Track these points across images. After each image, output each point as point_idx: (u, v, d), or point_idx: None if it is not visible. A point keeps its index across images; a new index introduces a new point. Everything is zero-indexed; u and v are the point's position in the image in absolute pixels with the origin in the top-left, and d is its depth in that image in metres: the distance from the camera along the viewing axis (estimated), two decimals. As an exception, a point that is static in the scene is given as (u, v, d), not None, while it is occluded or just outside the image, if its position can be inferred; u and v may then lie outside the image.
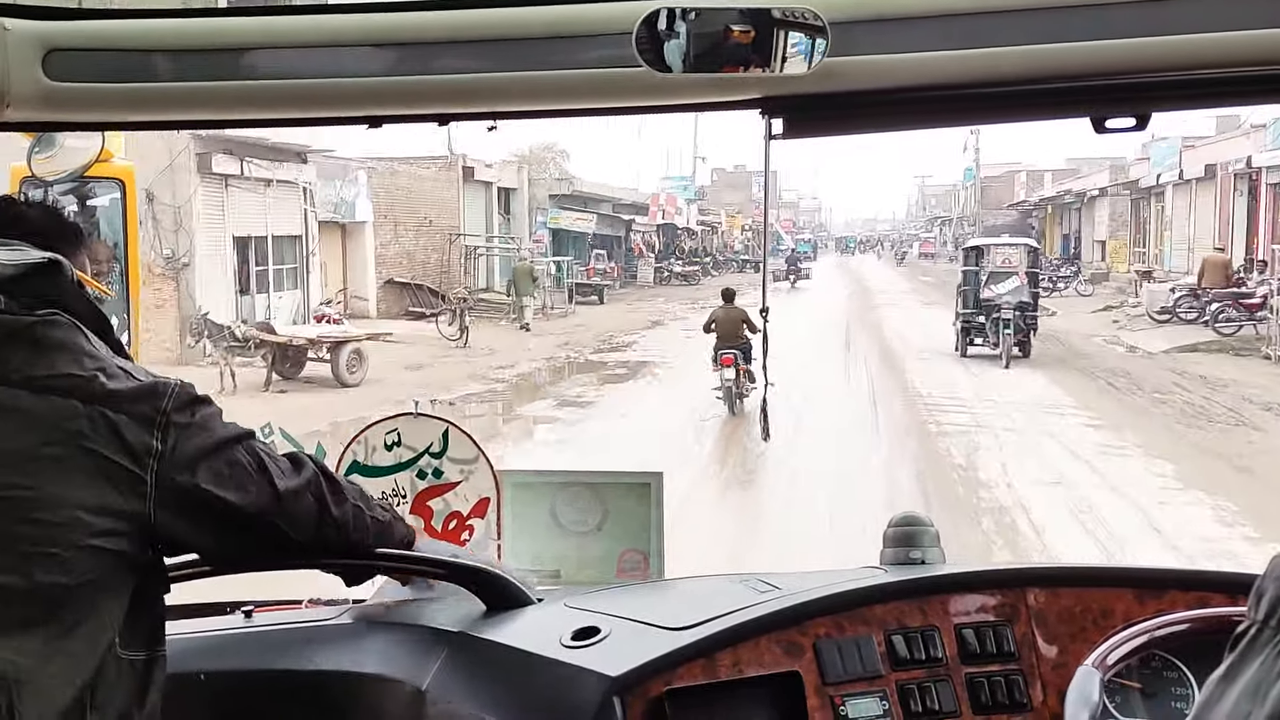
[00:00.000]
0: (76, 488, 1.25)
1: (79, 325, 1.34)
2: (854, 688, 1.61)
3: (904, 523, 1.95)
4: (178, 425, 1.32)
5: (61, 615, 1.24)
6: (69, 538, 1.24)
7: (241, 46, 1.30)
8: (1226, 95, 1.33)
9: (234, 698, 1.87)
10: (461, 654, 1.76)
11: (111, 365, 1.33)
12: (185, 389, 1.36)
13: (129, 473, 1.28)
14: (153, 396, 1.32)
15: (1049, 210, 55.75)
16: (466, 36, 1.29)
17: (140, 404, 1.31)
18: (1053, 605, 1.73)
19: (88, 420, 1.27)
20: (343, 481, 1.58)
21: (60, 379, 1.27)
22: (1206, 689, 0.86)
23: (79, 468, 1.26)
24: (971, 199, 74.11)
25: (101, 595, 1.28)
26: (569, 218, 38.53)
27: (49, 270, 1.33)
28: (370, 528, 1.61)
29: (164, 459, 1.30)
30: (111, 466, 1.27)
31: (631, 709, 1.51)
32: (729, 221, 68.73)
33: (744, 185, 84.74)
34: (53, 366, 1.28)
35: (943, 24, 1.23)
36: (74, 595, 1.25)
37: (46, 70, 1.29)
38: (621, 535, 2.16)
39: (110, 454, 1.27)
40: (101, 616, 1.28)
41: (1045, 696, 1.68)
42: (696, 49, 1.23)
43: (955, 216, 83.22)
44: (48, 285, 1.33)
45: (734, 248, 65.01)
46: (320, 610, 2.05)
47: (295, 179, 22.37)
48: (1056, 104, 1.34)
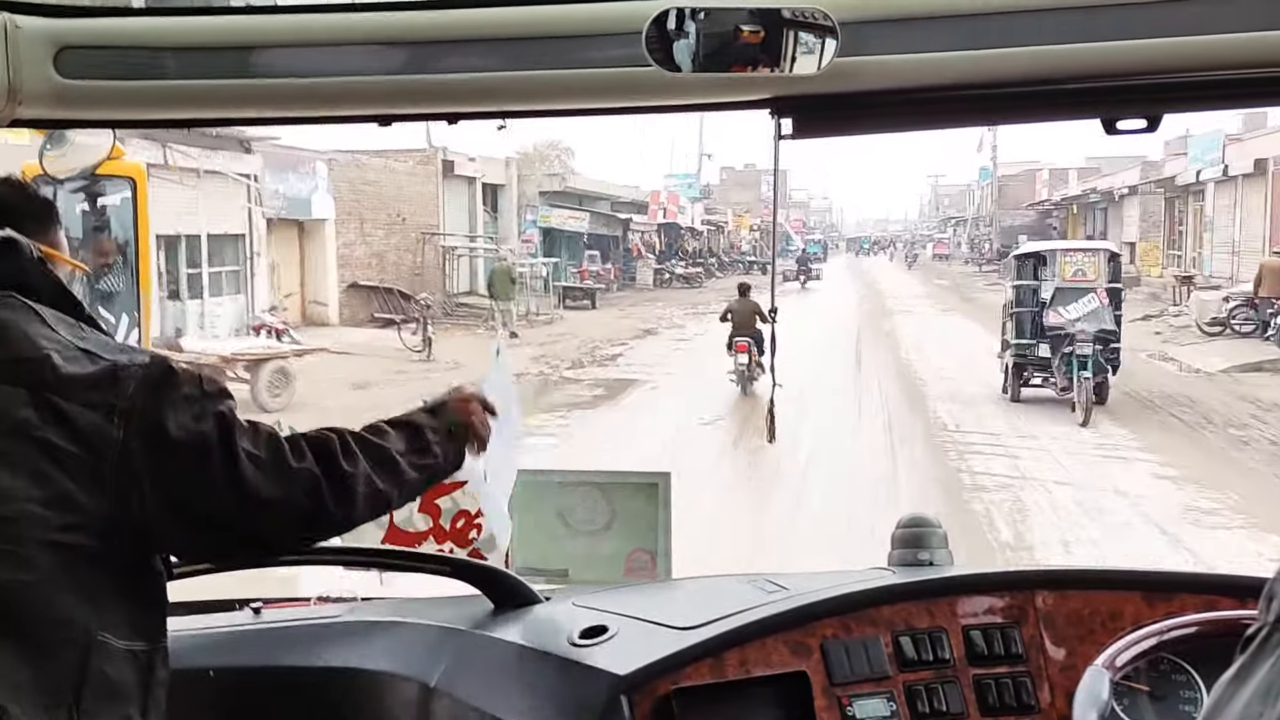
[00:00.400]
0: (26, 481, 1.17)
1: (33, 306, 1.25)
2: (861, 688, 1.61)
3: (912, 524, 1.94)
4: (139, 412, 1.21)
5: (21, 614, 1.17)
6: (24, 533, 1.16)
7: (253, 45, 1.31)
8: (1238, 97, 1.33)
9: (242, 694, 1.87)
10: (469, 652, 1.76)
11: (68, 348, 1.23)
12: (153, 369, 1.24)
13: (86, 464, 1.19)
14: (111, 381, 1.21)
15: (1072, 210, 52.57)
16: (476, 35, 1.29)
17: (98, 390, 1.21)
18: (1061, 607, 1.73)
19: (34, 409, 1.17)
20: (358, 464, 1.37)
21: (6, 365, 1.19)
22: (1216, 691, 0.86)
23: (27, 460, 1.17)
24: (988, 198, 71.22)
25: (67, 593, 1.19)
26: (560, 216, 35.98)
27: (4, 249, 1.26)
28: (391, 492, 1.43)
29: (124, 448, 1.20)
30: (66, 457, 1.18)
31: (639, 708, 1.51)
32: (736, 221, 66.53)
33: (753, 184, 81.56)
34: (2, 351, 1.20)
35: (953, 24, 1.23)
36: (34, 593, 1.17)
37: (58, 68, 1.29)
38: (629, 535, 2.16)
39: (63, 443, 1.18)
40: (70, 614, 1.20)
41: (1053, 698, 1.67)
42: (706, 49, 1.23)
43: (970, 217, 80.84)
44: (3, 265, 1.26)
45: (741, 248, 62.86)
46: (328, 607, 2.05)
47: (230, 170, 19.14)
48: (1067, 105, 1.33)
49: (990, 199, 69.10)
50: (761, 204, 74.05)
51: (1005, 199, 65.39)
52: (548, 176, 37.15)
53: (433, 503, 2.19)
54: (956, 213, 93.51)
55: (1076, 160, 62.64)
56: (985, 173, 71.84)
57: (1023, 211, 61.91)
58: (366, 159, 25.90)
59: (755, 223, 72.06)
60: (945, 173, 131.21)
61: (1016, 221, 60.82)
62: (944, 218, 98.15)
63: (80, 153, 2.31)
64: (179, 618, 2.01)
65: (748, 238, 67.54)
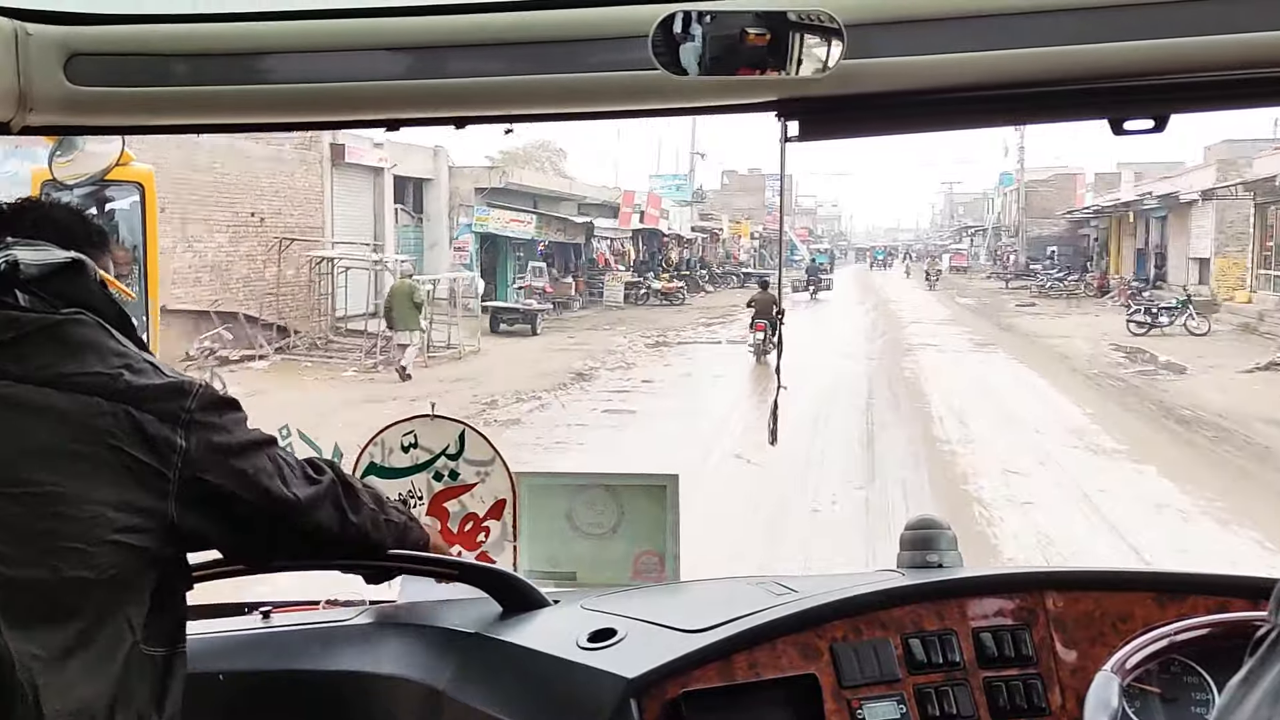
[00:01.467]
0: (101, 484, 1.27)
1: (103, 323, 1.35)
2: (871, 691, 1.61)
3: (921, 525, 1.94)
4: (201, 424, 1.33)
5: (84, 610, 1.26)
6: (93, 533, 1.26)
7: (261, 51, 1.31)
8: (1245, 97, 1.32)
9: (252, 698, 1.88)
10: (478, 655, 1.76)
11: (138, 361, 1.34)
12: (210, 389, 1.38)
13: (153, 469, 1.30)
14: (178, 394, 1.33)
15: (1114, 221, 45.58)
16: (483, 40, 1.29)
17: (165, 401, 1.32)
18: (1071, 609, 1.72)
19: (113, 418, 1.28)
20: (359, 485, 1.59)
21: (87, 376, 1.29)
22: (1226, 693, 0.86)
23: (104, 464, 1.27)
24: (1013, 206, 65.66)
25: (123, 591, 1.29)
26: (501, 219, 29.19)
27: (73, 270, 1.35)
28: (386, 531, 1.63)
29: (187, 456, 1.32)
30: (136, 463, 1.29)
31: (648, 711, 1.51)
32: (733, 228, 60.80)
33: (758, 189, 78.13)
34: (80, 364, 1.30)
35: (959, 26, 1.23)
36: (97, 590, 1.26)
37: (68, 75, 1.30)
38: (637, 537, 2.16)
39: (135, 451, 1.29)
40: (123, 612, 1.29)
41: (1064, 701, 1.67)
42: (712, 52, 1.23)
43: (990, 226, 76.09)
44: (71, 285, 1.35)
45: (738, 258, 57.17)
46: (338, 611, 2.06)
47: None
48: (1074, 105, 1.33)
49: (1015, 207, 64.13)
50: (766, 211, 71.42)
51: (1033, 207, 60.44)
52: (486, 170, 29.89)
53: (441, 505, 2.20)
54: (973, 221, 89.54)
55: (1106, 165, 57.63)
56: (1008, 178, 68.46)
57: (1053, 220, 57.10)
58: (197, 137, 15.59)
59: (757, 230, 67.54)
60: (961, 179, 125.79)
61: (1046, 231, 56.96)
62: (960, 227, 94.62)
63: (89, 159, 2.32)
64: (189, 621, 2.02)
65: (748, 247, 62.78)
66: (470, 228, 28.60)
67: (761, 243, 67.01)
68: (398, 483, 2.20)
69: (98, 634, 1.26)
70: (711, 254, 54.38)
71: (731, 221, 61.00)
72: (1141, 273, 39.78)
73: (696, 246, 50.35)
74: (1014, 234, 63.36)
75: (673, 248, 45.43)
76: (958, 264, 66.64)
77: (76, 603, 1.25)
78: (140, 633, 1.31)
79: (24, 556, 1.23)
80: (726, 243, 58.61)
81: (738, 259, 57.97)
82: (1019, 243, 59.87)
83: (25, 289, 1.32)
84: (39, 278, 1.32)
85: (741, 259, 58.41)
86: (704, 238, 52.77)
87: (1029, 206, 60.93)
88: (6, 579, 1.22)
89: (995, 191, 78.14)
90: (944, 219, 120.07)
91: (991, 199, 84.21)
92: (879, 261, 79.01)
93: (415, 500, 2.20)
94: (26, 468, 1.24)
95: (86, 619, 1.26)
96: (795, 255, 65.84)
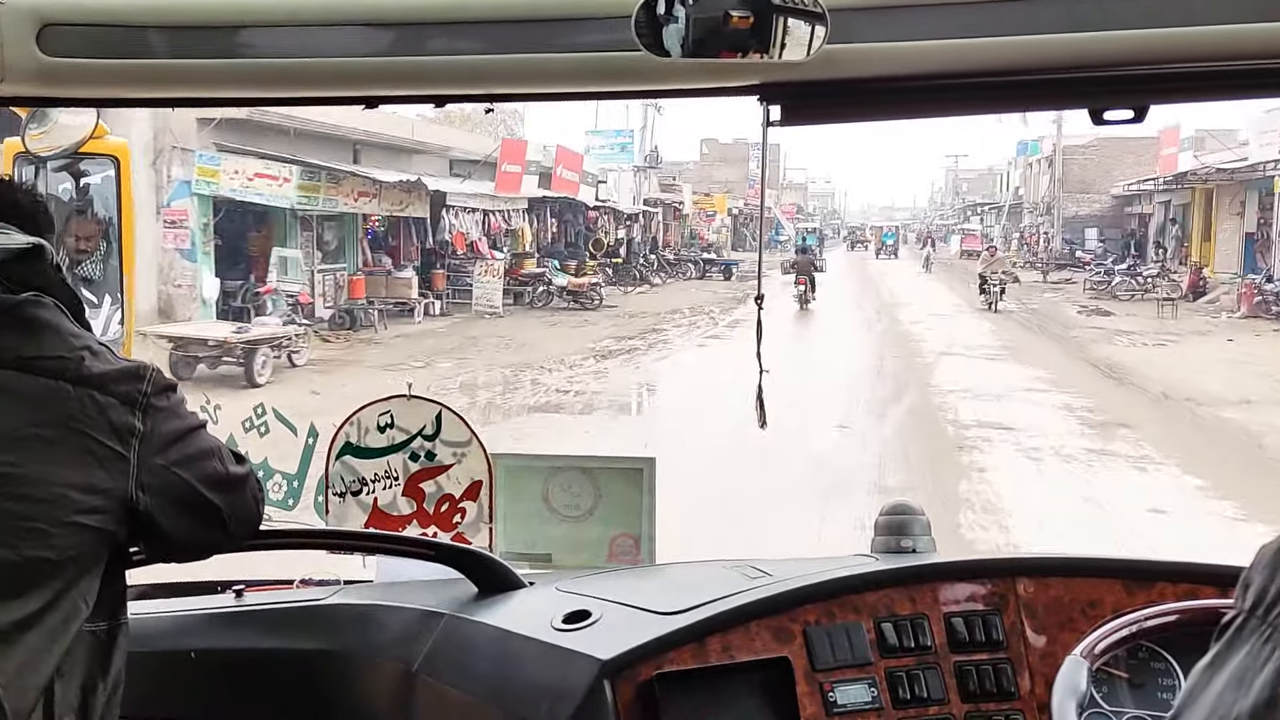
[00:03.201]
0: (64, 466, 1.28)
1: (61, 306, 1.37)
2: (843, 674, 1.62)
3: (895, 511, 1.95)
4: (155, 408, 1.36)
5: (43, 588, 1.27)
6: (54, 514, 1.27)
7: (239, 24, 1.30)
8: (1226, 88, 1.33)
9: (224, 676, 1.87)
10: (452, 636, 1.76)
11: (95, 344, 1.37)
12: (159, 373, 1.41)
13: (114, 452, 1.32)
14: (135, 378, 1.36)
15: (1200, 194, 31.85)
16: (464, 18, 1.28)
17: (123, 385, 1.34)
18: (1042, 595, 1.74)
19: (78, 402, 1.30)
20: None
21: (50, 360, 1.30)
22: (1192, 678, 0.87)
23: (68, 447, 1.29)
24: (1039, 180, 52.41)
25: (80, 571, 1.31)
26: (241, 173, 17.44)
27: (32, 255, 1.35)
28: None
29: (144, 440, 1.34)
30: (98, 446, 1.31)
31: (621, 692, 1.52)
32: (702, 203, 49.96)
33: (740, 160, 67.24)
34: (40, 347, 1.31)
35: (942, 13, 1.23)
36: (56, 570, 1.28)
37: (41, 45, 1.28)
38: (613, 520, 2.16)
39: (98, 435, 1.31)
40: (79, 592, 1.31)
41: (1033, 685, 1.68)
42: (695, 34, 1.23)
43: (1006, 204, 61.95)
44: (30, 270, 1.35)
45: (706, 239, 46.64)
46: (311, 590, 2.05)
47: None
48: (1055, 94, 1.34)
49: (1045, 180, 50.42)
50: (750, 184, 62.22)
51: (1068, 180, 47.67)
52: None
53: (417, 486, 2.19)
54: (981, 199, 75.56)
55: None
56: (1032, 146, 54.05)
57: (1093, 196, 45.72)
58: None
59: (737, 206, 57.51)
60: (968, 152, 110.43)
61: (1085, 209, 45.94)
62: (966, 205, 79.65)
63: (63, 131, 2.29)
64: (161, 599, 2.01)
65: (721, 225, 52.28)
66: (191, 188, 17.12)
67: (743, 219, 59.26)
68: (374, 463, 2.19)
69: (51, 612, 1.28)
70: (676, 234, 44.85)
71: (700, 194, 50.86)
72: (1251, 263, 27.42)
73: (650, 224, 39.69)
74: (1043, 212, 50.91)
75: (606, 226, 33.44)
76: (971, 248, 50.66)
77: (35, 581, 1.26)
78: (89, 610, 1.33)
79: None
80: (691, 220, 48.05)
81: (706, 240, 46.76)
82: (1051, 223, 48.16)
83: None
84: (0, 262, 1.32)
85: (710, 239, 47.55)
86: (662, 212, 41.72)
87: (1065, 179, 47.44)
88: None
89: (1013, 164, 63.22)
90: (946, 196, 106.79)
91: (1003, 174, 70.65)
92: (886, 247, 63.76)
93: (391, 481, 2.19)
94: None
95: (43, 598, 1.27)
96: (780, 235, 59.62)
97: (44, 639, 1.27)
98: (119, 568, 1.42)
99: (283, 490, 2.33)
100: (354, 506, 2.19)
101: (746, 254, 47.07)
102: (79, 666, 1.32)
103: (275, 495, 2.28)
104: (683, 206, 46.09)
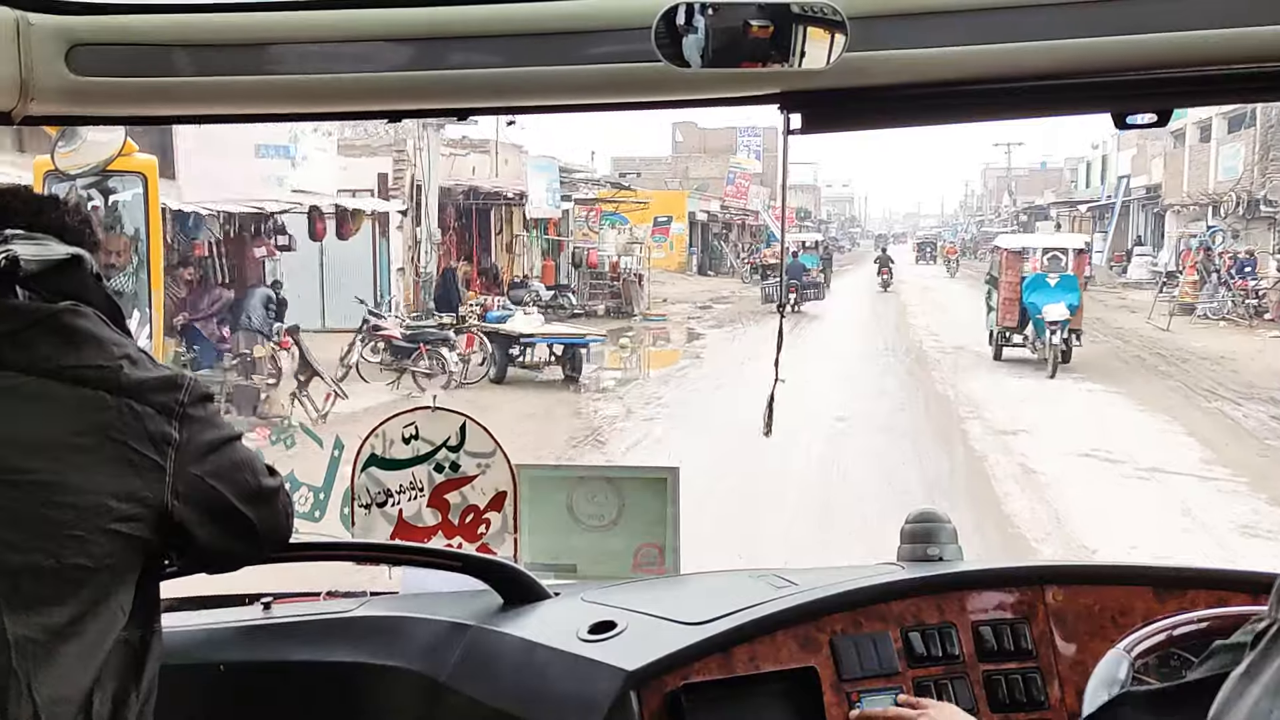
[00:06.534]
0: (103, 475, 1.30)
1: (101, 316, 1.38)
2: (871, 684, 1.61)
3: (921, 519, 1.94)
4: (191, 418, 1.37)
5: (81, 596, 1.28)
6: (93, 522, 1.28)
7: (263, 42, 1.31)
8: (1247, 91, 1.32)
9: (253, 689, 1.88)
10: (479, 647, 1.77)
11: (134, 351, 1.38)
12: (197, 383, 1.42)
13: (152, 461, 1.33)
14: (173, 388, 1.37)
15: None
16: (487, 31, 1.29)
17: (161, 394, 1.35)
18: (1071, 603, 1.72)
19: (116, 411, 1.31)
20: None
21: (89, 370, 1.32)
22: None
23: (106, 456, 1.30)
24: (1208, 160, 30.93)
25: (116, 579, 1.32)
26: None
27: (71, 265, 1.37)
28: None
29: (181, 449, 1.35)
30: (136, 455, 1.32)
31: (648, 703, 1.52)
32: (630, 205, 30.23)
33: (726, 150, 51.61)
34: (80, 357, 1.32)
35: (962, 19, 1.23)
36: (94, 578, 1.29)
37: (70, 65, 1.30)
38: (638, 530, 2.16)
39: (135, 444, 1.32)
40: (116, 599, 1.32)
41: (1063, 694, 1.67)
42: (715, 44, 1.23)
43: (1117, 201, 40.13)
44: (69, 280, 1.37)
45: (617, 270, 25.59)
46: (338, 602, 2.06)
47: None
48: (1077, 99, 1.33)
49: (1254, 152, 27.37)
50: (728, 180, 45.56)
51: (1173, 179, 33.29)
52: None
53: (441, 497, 2.20)
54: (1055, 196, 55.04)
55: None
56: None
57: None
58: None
59: (708, 210, 40.44)
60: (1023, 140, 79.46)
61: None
62: (1022, 208, 62.17)
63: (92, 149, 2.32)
64: (191, 612, 2.03)
65: (675, 242, 35.75)
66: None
67: (721, 227, 43.34)
68: (399, 474, 2.20)
69: (91, 620, 1.29)
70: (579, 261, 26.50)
71: (613, 189, 30.03)
72: None
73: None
74: (1192, 208, 31.91)
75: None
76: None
77: (73, 590, 1.27)
78: (127, 618, 1.34)
79: (26, 543, 1.25)
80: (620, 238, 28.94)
81: (615, 269, 25.86)
82: (1232, 228, 28.41)
83: (24, 285, 1.34)
84: (38, 274, 1.33)
85: (627, 264, 26.47)
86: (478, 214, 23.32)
87: (1263, 158, 26.91)
88: (9, 565, 1.24)
89: (1109, 144, 43.57)
90: (984, 200, 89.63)
91: (1085, 164, 51.61)
92: (925, 255, 55.35)
93: (416, 492, 2.20)
94: (29, 457, 1.26)
95: (82, 605, 1.28)
96: (769, 246, 42.08)
97: (84, 648, 1.28)
98: (154, 576, 1.43)
99: (309, 502, 2.34)
100: (379, 518, 2.20)
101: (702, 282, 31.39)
102: (113, 676, 1.33)
103: (302, 507, 2.30)
104: (524, 200, 23.56)
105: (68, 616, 1.27)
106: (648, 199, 33.02)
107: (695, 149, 52.65)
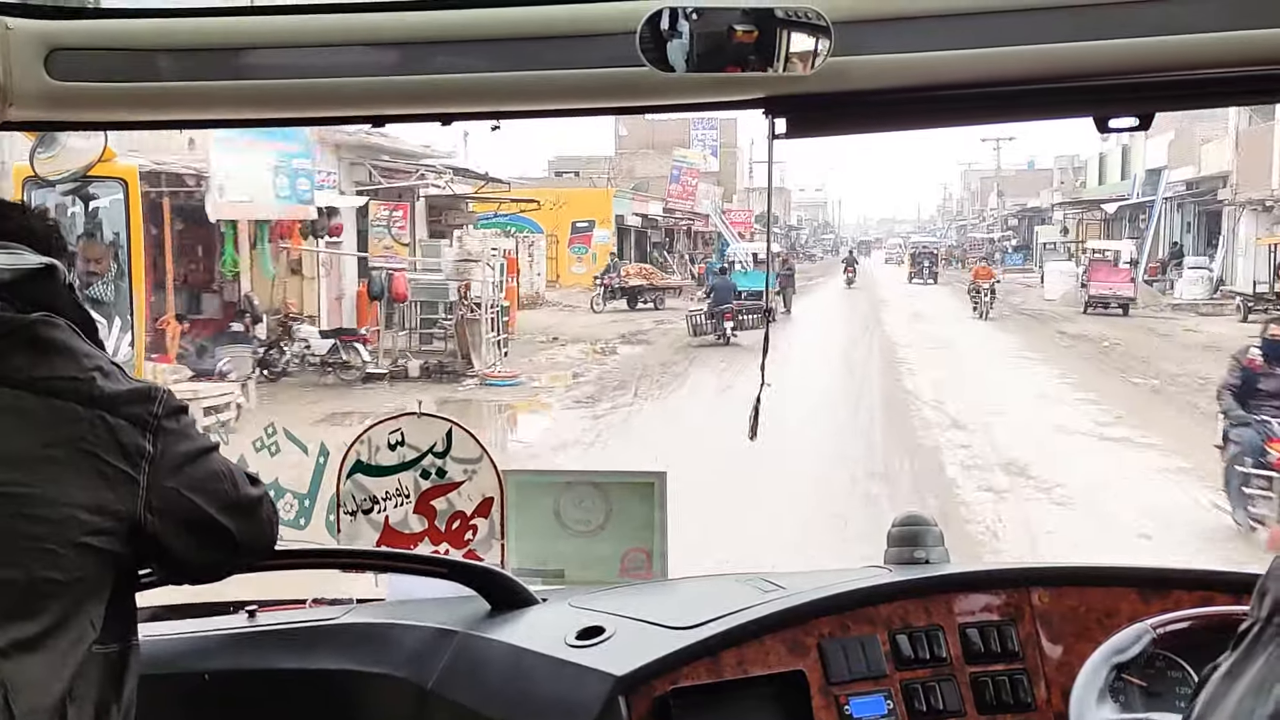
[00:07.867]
0: (75, 488, 1.28)
1: (73, 327, 1.36)
2: (859, 687, 1.61)
3: (908, 522, 1.95)
4: (166, 430, 1.35)
5: (52, 610, 1.27)
6: (64, 535, 1.27)
7: (245, 46, 1.30)
8: (1228, 95, 1.33)
9: (238, 697, 1.87)
10: (466, 653, 1.76)
11: (106, 364, 1.36)
12: (171, 395, 1.40)
13: (124, 474, 1.31)
14: (146, 400, 1.35)
15: None
16: (470, 36, 1.29)
17: (134, 406, 1.34)
18: (1057, 605, 1.73)
19: (88, 424, 1.30)
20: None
21: (61, 381, 1.30)
22: (1210, 687, 0.87)
23: (78, 469, 1.29)
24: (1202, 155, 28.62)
25: (87, 593, 1.30)
26: None
27: (44, 275, 1.35)
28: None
29: (154, 462, 1.34)
30: (108, 468, 1.31)
31: (636, 708, 1.51)
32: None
33: (678, 146, 44.65)
34: (52, 368, 1.30)
35: (946, 24, 1.23)
36: (65, 591, 1.27)
37: (49, 70, 1.29)
38: (625, 535, 2.15)
39: (108, 456, 1.30)
40: (86, 613, 1.31)
41: (1049, 696, 1.67)
42: (700, 49, 1.23)
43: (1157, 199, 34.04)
44: (43, 290, 1.35)
45: (468, 296, 16.17)
46: (324, 609, 2.05)
47: None
48: (1059, 104, 1.34)
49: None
50: (672, 179, 39.30)
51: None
52: None
53: (428, 504, 2.19)
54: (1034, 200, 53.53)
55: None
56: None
57: None
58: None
59: (644, 214, 34.10)
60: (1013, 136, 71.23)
61: None
62: (1013, 211, 59.97)
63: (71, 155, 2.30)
64: (175, 621, 2.01)
65: (598, 253, 30.24)
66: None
67: (664, 234, 37.20)
68: (385, 481, 2.19)
69: (60, 633, 1.27)
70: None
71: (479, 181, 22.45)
72: None
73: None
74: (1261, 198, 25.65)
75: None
76: (1106, 288, 27.06)
77: (43, 603, 1.26)
78: (100, 631, 1.33)
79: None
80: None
81: (467, 301, 16.40)
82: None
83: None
84: (10, 283, 1.32)
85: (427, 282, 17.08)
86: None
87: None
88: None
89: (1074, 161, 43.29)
90: (968, 204, 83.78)
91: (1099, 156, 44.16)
92: (921, 270, 41.44)
93: (402, 499, 2.19)
94: (0, 470, 1.25)
95: (53, 618, 1.26)
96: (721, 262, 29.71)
97: (54, 660, 1.27)
98: (128, 589, 1.42)
99: (294, 509, 2.33)
100: (365, 525, 2.19)
101: (623, 308, 25.65)
102: (92, 689, 1.32)
103: (287, 515, 2.28)
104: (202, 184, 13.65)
105: (37, 630, 1.25)
106: (533, 199, 24.93)
107: (643, 144, 45.74)
